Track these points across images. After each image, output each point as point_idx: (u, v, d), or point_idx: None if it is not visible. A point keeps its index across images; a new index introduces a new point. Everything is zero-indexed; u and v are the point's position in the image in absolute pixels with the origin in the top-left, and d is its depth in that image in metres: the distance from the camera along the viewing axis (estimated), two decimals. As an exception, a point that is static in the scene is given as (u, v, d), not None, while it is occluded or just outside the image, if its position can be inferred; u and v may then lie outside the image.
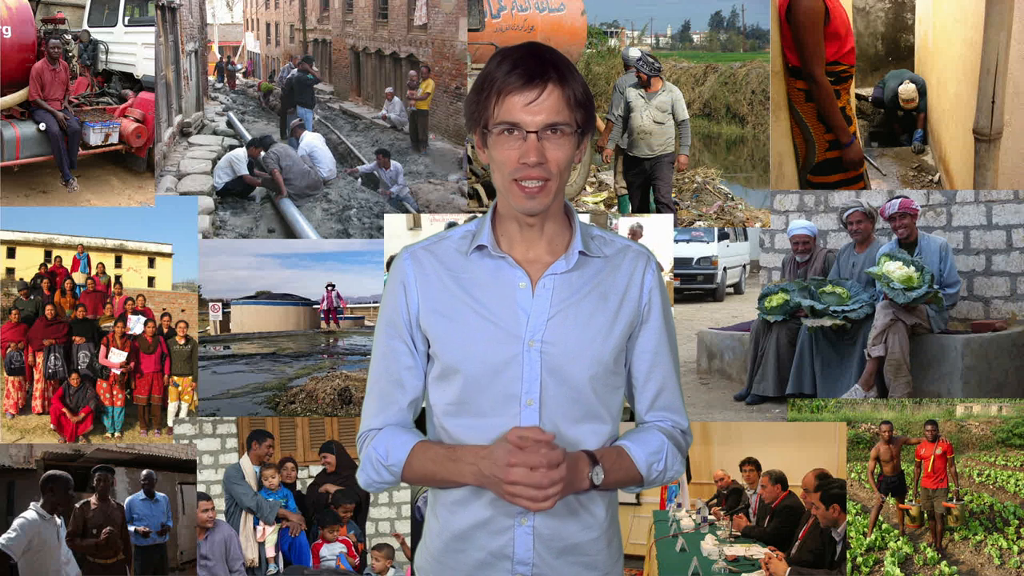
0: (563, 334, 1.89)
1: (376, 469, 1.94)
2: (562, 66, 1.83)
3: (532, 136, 1.80)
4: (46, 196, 5.55)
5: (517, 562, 1.91)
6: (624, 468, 1.92)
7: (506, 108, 1.81)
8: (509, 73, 1.81)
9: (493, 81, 1.82)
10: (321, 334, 6.34)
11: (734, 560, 4.27)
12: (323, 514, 5.13)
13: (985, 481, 5.58)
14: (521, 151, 1.81)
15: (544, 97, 1.80)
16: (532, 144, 1.80)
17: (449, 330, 1.91)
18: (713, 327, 6.06)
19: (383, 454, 1.92)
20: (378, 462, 1.93)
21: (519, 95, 1.80)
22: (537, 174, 1.82)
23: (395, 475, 1.92)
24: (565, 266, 1.91)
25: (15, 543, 4.06)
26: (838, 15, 4.98)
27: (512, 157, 1.82)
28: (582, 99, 1.84)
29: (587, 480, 1.85)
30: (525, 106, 1.80)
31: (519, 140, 1.81)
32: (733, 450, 5.18)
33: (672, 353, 2.03)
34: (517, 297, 1.90)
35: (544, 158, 1.81)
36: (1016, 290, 5.46)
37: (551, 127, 1.81)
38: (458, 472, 1.85)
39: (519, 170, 1.82)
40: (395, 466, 1.91)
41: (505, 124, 1.81)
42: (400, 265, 1.97)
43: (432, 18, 6.50)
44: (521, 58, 1.82)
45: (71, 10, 6.60)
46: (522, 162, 1.81)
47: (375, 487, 1.97)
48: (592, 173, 6.48)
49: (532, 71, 1.80)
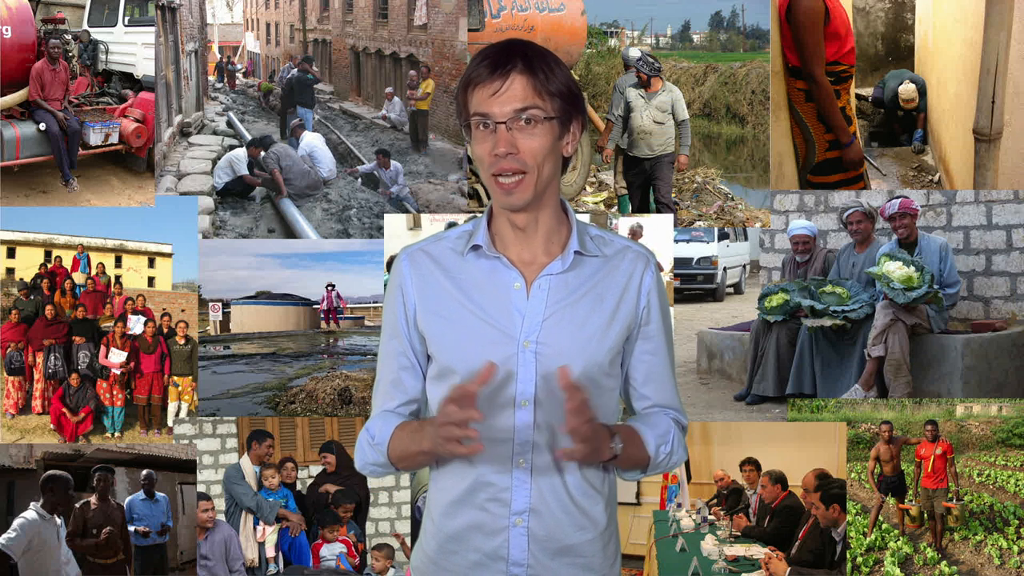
0: (558, 335, 1.88)
1: (365, 449, 1.98)
2: (532, 55, 1.82)
3: (501, 127, 1.80)
4: (46, 196, 5.55)
5: (512, 563, 1.90)
6: (636, 445, 1.92)
7: (476, 100, 1.82)
8: (477, 66, 1.83)
9: (467, 77, 1.84)
10: (321, 334, 6.33)
11: (734, 560, 4.27)
12: (323, 514, 5.13)
13: (985, 481, 5.58)
14: (492, 143, 1.81)
15: (507, 86, 1.80)
16: (501, 134, 1.80)
17: (445, 331, 1.91)
18: (713, 327, 6.06)
19: (373, 433, 1.96)
20: (367, 442, 1.97)
21: (484, 87, 1.81)
22: (509, 165, 1.81)
23: (382, 453, 1.94)
24: (561, 267, 1.91)
25: (15, 543, 4.06)
26: (838, 15, 4.98)
27: (487, 150, 1.82)
28: (557, 88, 1.82)
29: (609, 451, 1.84)
30: (490, 97, 1.80)
31: (491, 133, 1.82)
32: (733, 450, 5.18)
33: (670, 355, 2.03)
34: (512, 298, 1.89)
35: (515, 148, 1.81)
36: (1016, 290, 5.46)
37: (521, 116, 1.80)
38: (420, 439, 1.87)
39: (493, 163, 1.82)
40: (380, 444, 1.94)
41: (478, 116, 1.82)
42: (398, 267, 1.98)
43: (432, 18, 6.50)
44: (490, 52, 1.84)
45: (71, 10, 6.60)
46: (494, 154, 1.81)
47: (368, 469, 2.00)
48: (592, 173, 6.48)
49: (496, 62, 1.81)
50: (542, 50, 1.86)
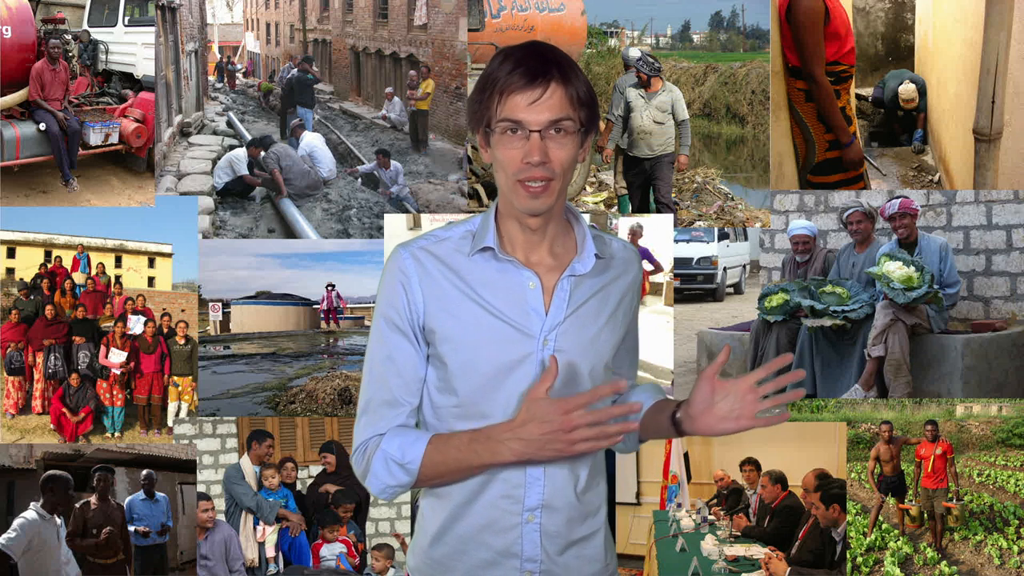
0: (574, 333, 1.90)
1: (390, 470, 1.85)
2: (565, 65, 1.82)
3: (535, 135, 1.79)
4: (46, 196, 5.55)
5: (525, 559, 1.90)
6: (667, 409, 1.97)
7: (509, 107, 1.80)
8: (512, 72, 1.80)
9: (496, 80, 1.81)
10: (321, 334, 6.33)
11: (734, 560, 4.27)
12: (323, 514, 5.13)
13: (985, 481, 5.58)
14: (524, 150, 1.80)
15: (547, 96, 1.79)
16: (535, 143, 1.80)
17: (459, 330, 1.88)
18: (713, 327, 6.05)
19: (398, 453, 1.84)
20: (392, 461, 1.84)
21: (521, 94, 1.79)
22: (540, 174, 1.81)
23: (412, 474, 1.84)
24: (583, 268, 1.92)
25: (15, 543, 4.06)
26: (838, 15, 4.98)
27: (515, 157, 1.81)
28: (585, 98, 1.83)
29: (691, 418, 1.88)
30: (528, 105, 1.79)
31: (522, 139, 1.80)
32: (733, 450, 5.18)
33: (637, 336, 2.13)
34: (528, 297, 1.88)
35: (547, 157, 1.80)
36: (1016, 290, 5.46)
37: (554, 126, 1.80)
38: (491, 452, 1.78)
39: (523, 170, 1.81)
40: (412, 463, 1.83)
41: (508, 123, 1.80)
42: (399, 265, 1.91)
43: (432, 18, 6.50)
44: (524, 57, 1.81)
45: (71, 10, 6.60)
46: (525, 161, 1.80)
47: (389, 492, 1.88)
48: (592, 173, 6.48)
49: (535, 70, 1.79)
50: (568, 57, 1.86)
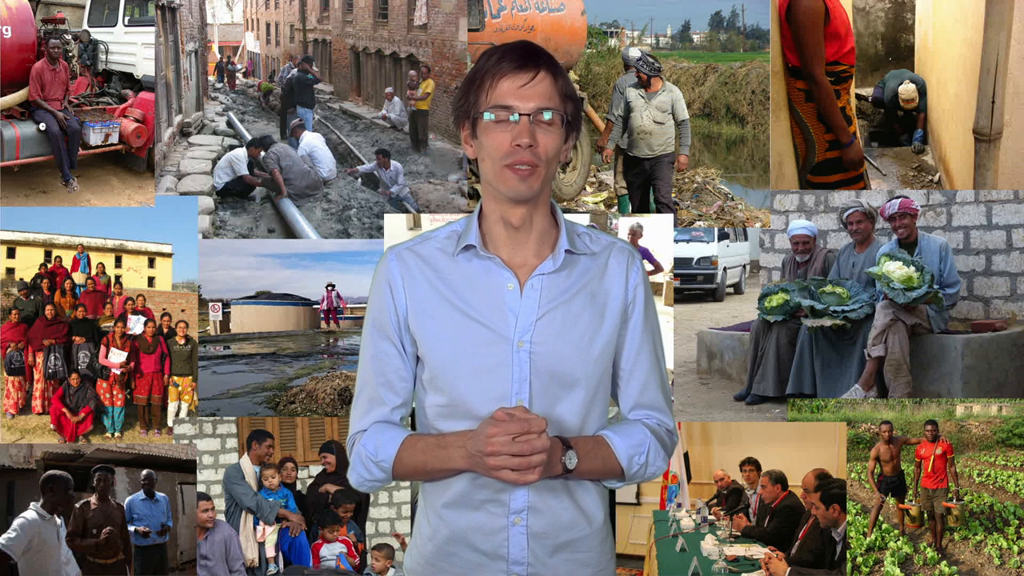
0: (552, 335, 1.89)
1: (366, 466, 1.93)
2: (552, 59, 1.88)
3: (524, 119, 1.82)
4: (46, 196, 5.55)
5: (512, 562, 1.90)
6: (602, 457, 1.90)
7: (498, 92, 1.83)
8: (501, 60, 1.84)
9: (484, 71, 1.85)
10: (321, 334, 6.33)
11: (734, 560, 4.27)
12: (323, 514, 5.13)
13: (985, 481, 5.57)
14: (513, 133, 1.82)
15: (536, 81, 1.82)
16: (524, 126, 1.81)
17: (438, 332, 1.90)
18: (713, 327, 6.06)
19: (372, 450, 1.91)
20: (368, 459, 1.92)
21: (511, 79, 1.82)
22: (528, 158, 1.82)
23: (386, 471, 1.92)
24: (552, 266, 1.91)
25: (15, 543, 4.06)
26: (838, 15, 4.98)
27: (504, 141, 1.83)
28: (571, 94, 1.87)
29: (560, 465, 1.83)
30: (518, 89, 1.82)
31: (511, 125, 1.82)
32: (733, 450, 5.18)
33: (656, 351, 2.01)
34: (506, 298, 1.89)
35: (535, 141, 1.82)
36: (1016, 290, 5.46)
37: (542, 112, 1.82)
38: (447, 458, 1.84)
39: (512, 154, 1.82)
40: (385, 461, 1.90)
41: (497, 107, 1.82)
42: (386, 266, 1.96)
43: (432, 18, 6.50)
44: (512, 48, 1.86)
45: (71, 10, 6.60)
46: (515, 144, 1.81)
47: (366, 486, 1.96)
48: (592, 173, 6.48)
49: (524, 57, 1.84)
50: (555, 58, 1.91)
